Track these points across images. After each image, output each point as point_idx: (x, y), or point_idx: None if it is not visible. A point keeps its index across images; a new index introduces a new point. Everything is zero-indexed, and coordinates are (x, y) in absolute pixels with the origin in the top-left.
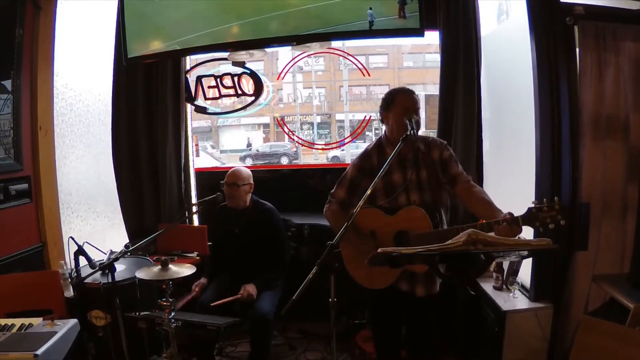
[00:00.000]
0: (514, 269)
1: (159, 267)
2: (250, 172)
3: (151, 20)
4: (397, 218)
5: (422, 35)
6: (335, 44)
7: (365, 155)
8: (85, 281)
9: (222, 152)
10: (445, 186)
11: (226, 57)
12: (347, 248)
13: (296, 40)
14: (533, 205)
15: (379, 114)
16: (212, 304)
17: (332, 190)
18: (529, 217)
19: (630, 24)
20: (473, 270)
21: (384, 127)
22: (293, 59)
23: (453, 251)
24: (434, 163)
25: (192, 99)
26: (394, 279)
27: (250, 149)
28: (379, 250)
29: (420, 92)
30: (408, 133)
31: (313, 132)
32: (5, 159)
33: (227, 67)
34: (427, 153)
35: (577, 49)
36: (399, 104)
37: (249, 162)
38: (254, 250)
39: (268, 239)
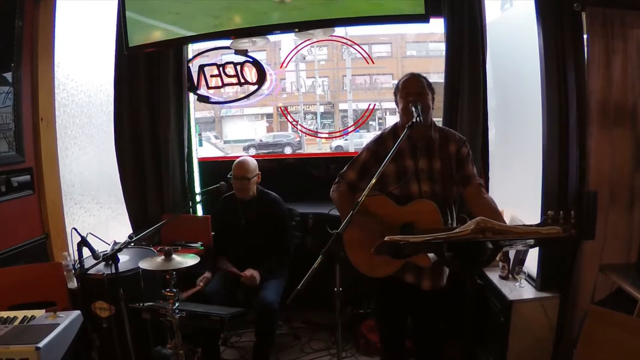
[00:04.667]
0: (520, 258)
1: (163, 257)
2: (256, 162)
3: (152, 8)
4: (407, 210)
5: (427, 21)
6: (339, 32)
7: (380, 140)
8: (88, 272)
9: (225, 142)
10: (456, 181)
11: (228, 45)
12: (350, 234)
13: (299, 26)
14: (548, 216)
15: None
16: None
17: (342, 171)
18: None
19: (639, 10)
20: (481, 259)
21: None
22: (296, 47)
23: (461, 239)
24: (449, 156)
25: (194, 88)
26: (396, 269)
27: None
28: (386, 238)
29: (427, 79)
30: (413, 120)
31: (316, 122)
32: (7, 151)
33: (230, 57)
34: (443, 144)
35: (585, 36)
36: (402, 87)
37: (252, 151)
38: (259, 240)
39: (274, 230)
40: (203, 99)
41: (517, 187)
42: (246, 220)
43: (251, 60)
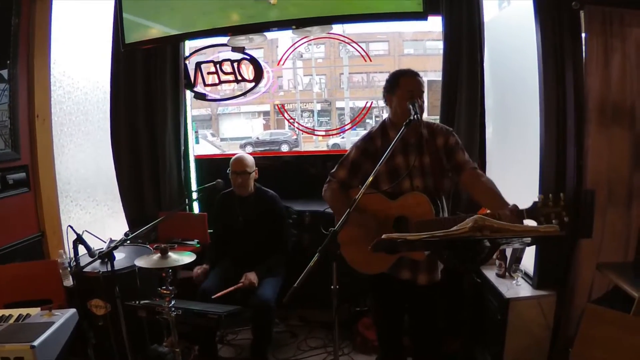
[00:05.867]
0: (517, 257)
1: (159, 255)
2: (253, 158)
3: (149, 4)
4: (398, 203)
5: (425, 19)
6: (336, 30)
7: (368, 138)
8: (84, 270)
9: (222, 140)
10: (448, 173)
11: (225, 42)
12: (343, 231)
13: (296, 23)
14: (538, 200)
15: (383, 96)
16: (213, 297)
17: (333, 170)
18: (534, 211)
19: (637, 9)
20: (479, 258)
21: (386, 112)
22: (293, 44)
23: (458, 237)
24: (437, 150)
25: (191, 86)
26: (390, 264)
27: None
28: (384, 236)
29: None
30: (411, 118)
31: (313, 120)
32: (2, 149)
33: (227, 54)
34: (431, 139)
35: (583, 34)
36: (403, 87)
37: (249, 149)
38: (257, 237)
39: (271, 226)
40: (200, 96)
41: (514, 186)
42: (244, 217)
43: (248, 57)
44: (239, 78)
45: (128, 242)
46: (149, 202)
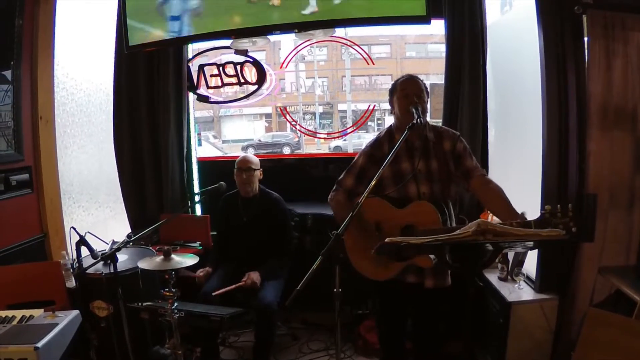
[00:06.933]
0: (520, 260)
1: (162, 257)
2: (258, 159)
3: (153, 7)
4: (406, 212)
5: (428, 22)
6: (338, 32)
7: (376, 143)
8: (87, 272)
9: (224, 142)
10: (455, 179)
11: (229, 45)
12: (351, 237)
13: (299, 27)
14: (546, 210)
15: (389, 104)
16: (214, 293)
17: (340, 178)
18: (542, 222)
19: (639, 14)
20: (482, 261)
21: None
22: (296, 47)
23: (461, 241)
24: (445, 154)
25: (194, 88)
26: (398, 271)
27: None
28: (387, 239)
29: (424, 82)
30: (414, 121)
31: (315, 122)
32: (5, 150)
33: (230, 57)
34: (438, 143)
35: (586, 39)
36: (399, 89)
37: (251, 151)
38: (260, 239)
39: (275, 228)
40: (203, 98)
41: (516, 189)
42: (248, 218)
43: (251, 60)
44: (242, 80)
45: (130, 244)
46: (152, 204)
